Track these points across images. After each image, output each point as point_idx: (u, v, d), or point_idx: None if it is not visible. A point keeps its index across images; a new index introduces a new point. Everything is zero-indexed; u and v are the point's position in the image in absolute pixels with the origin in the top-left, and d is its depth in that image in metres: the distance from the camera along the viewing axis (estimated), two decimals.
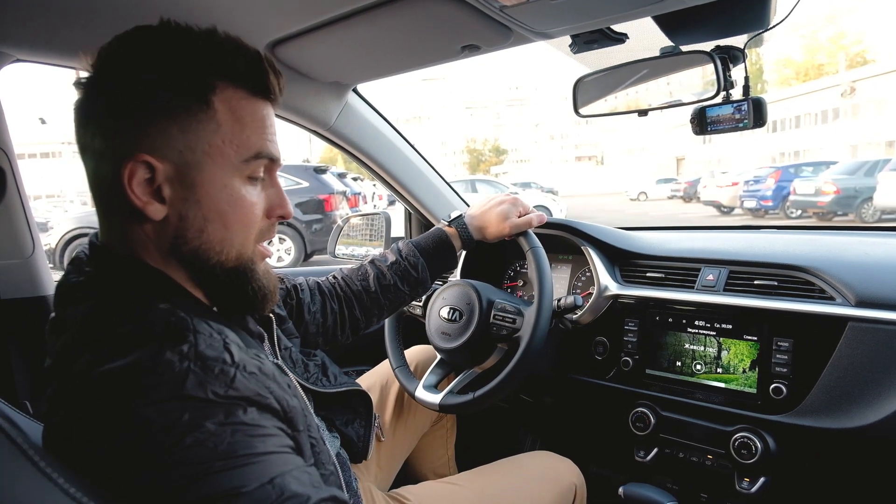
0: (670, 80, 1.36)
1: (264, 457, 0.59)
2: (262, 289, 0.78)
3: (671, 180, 27.78)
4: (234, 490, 0.55)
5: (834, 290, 1.20)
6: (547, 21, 1.13)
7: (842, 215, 12.13)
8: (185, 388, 0.57)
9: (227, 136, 0.70)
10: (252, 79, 0.72)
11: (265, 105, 0.74)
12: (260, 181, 0.76)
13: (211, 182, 0.70)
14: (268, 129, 0.74)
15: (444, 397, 1.30)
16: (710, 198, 17.40)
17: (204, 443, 0.56)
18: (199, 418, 0.57)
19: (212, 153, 0.69)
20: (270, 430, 0.62)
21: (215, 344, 0.64)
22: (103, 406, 0.57)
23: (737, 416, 1.25)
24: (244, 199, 0.72)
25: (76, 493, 0.52)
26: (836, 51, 36.06)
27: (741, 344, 1.27)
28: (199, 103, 0.68)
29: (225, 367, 0.61)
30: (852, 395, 1.12)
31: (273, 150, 0.74)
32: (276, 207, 0.78)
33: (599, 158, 66.84)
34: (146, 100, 0.67)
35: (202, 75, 0.68)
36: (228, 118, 0.70)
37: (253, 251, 0.76)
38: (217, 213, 0.71)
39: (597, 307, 1.49)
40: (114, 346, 0.60)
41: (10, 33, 1.15)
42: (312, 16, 1.14)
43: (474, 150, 69.53)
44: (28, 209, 1.36)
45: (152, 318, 0.64)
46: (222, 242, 0.72)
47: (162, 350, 0.60)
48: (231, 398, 0.60)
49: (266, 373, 0.67)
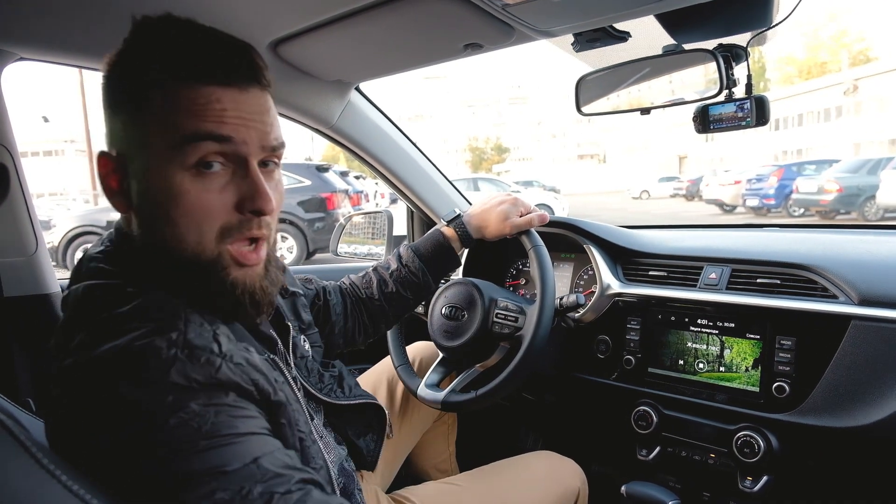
0: (672, 78, 1.36)
1: (247, 437, 0.60)
2: (227, 295, 0.72)
3: (673, 178, 27.73)
4: (218, 469, 0.57)
5: (837, 289, 1.20)
6: (549, 19, 1.12)
7: (844, 213, 12.11)
8: (170, 373, 0.59)
9: (159, 124, 0.67)
10: (193, 66, 0.67)
11: (216, 90, 0.67)
12: (223, 173, 0.70)
13: (150, 174, 0.68)
14: (211, 111, 0.67)
15: (447, 395, 1.30)
16: (712, 196, 17.39)
17: (188, 423, 0.57)
18: (184, 400, 0.58)
19: (147, 143, 0.68)
20: (252, 412, 0.64)
21: (205, 334, 0.65)
22: (93, 387, 0.59)
23: (739, 415, 1.25)
24: (186, 192, 0.67)
25: (79, 489, 0.52)
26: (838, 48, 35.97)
27: (744, 342, 1.27)
28: (137, 98, 0.67)
29: (211, 357, 0.62)
30: (855, 393, 1.12)
31: (216, 128, 0.67)
32: (247, 200, 0.70)
33: (602, 157, 66.71)
34: (106, 99, 0.71)
35: (140, 72, 0.67)
36: (163, 107, 0.66)
37: (217, 251, 0.71)
38: (161, 209, 0.68)
39: (599, 306, 1.49)
40: (107, 328, 0.62)
41: (14, 32, 1.15)
42: (315, 14, 1.14)
43: (476, 148, 69.45)
44: (31, 207, 1.36)
45: (147, 302, 0.65)
46: (174, 239, 0.69)
47: (152, 335, 0.61)
48: (214, 383, 0.61)
49: (253, 364, 0.67)
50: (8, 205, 1.31)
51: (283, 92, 1.52)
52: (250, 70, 0.71)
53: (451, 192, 2.01)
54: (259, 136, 0.71)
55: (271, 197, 0.72)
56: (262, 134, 0.71)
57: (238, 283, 0.73)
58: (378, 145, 1.81)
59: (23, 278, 1.34)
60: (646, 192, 27.30)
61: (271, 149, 0.73)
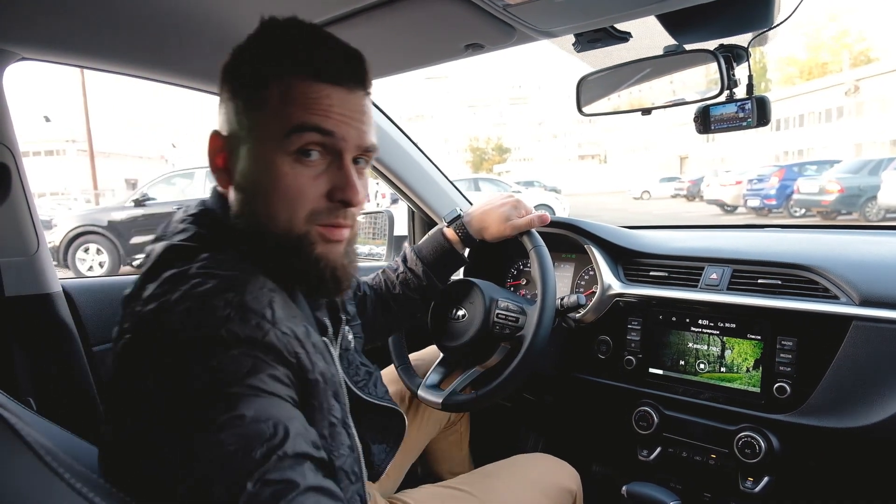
0: (674, 78, 1.36)
1: (271, 395, 0.62)
2: (311, 270, 0.79)
3: (674, 179, 27.69)
4: (235, 416, 0.58)
5: (838, 289, 1.20)
6: (550, 20, 1.12)
7: (846, 214, 12.10)
8: (220, 330, 0.62)
9: (272, 114, 0.74)
10: (310, 66, 0.75)
11: (326, 88, 0.75)
12: (320, 162, 0.77)
13: (255, 157, 0.75)
14: (321, 106, 0.74)
15: (447, 396, 1.30)
16: (713, 196, 17.37)
17: (226, 366, 0.61)
18: (228, 347, 0.62)
19: (257, 129, 0.75)
20: (283, 378, 0.65)
21: (261, 298, 0.68)
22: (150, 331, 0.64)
23: (740, 416, 1.25)
24: (285, 175, 0.74)
25: (82, 487, 0.52)
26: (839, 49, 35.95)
27: (745, 343, 1.27)
28: (254, 89, 0.75)
29: (262, 322, 0.65)
30: (856, 394, 1.12)
31: (321, 122, 0.74)
32: (337, 190, 0.77)
33: (602, 157, 66.65)
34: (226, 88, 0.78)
35: (262, 68, 0.75)
36: (278, 98, 0.74)
37: (306, 231, 0.77)
38: (260, 188, 0.76)
39: (600, 306, 1.49)
40: (175, 281, 0.67)
41: (15, 32, 1.15)
42: (316, 15, 1.14)
43: (477, 148, 69.39)
44: (33, 206, 1.36)
45: (216, 260, 0.70)
46: (267, 216, 0.76)
47: (211, 292, 0.65)
48: (258, 342, 0.64)
49: (298, 338, 0.69)
50: (9, 204, 1.31)
51: None
52: (359, 74, 0.78)
53: (451, 192, 2.01)
54: (357, 134, 0.78)
55: (360, 190, 0.79)
56: (360, 133, 0.78)
57: (322, 257, 0.79)
58: (379, 145, 1.81)
59: (24, 278, 1.34)
60: (647, 193, 27.28)
61: (365, 149, 0.80)
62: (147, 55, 1.29)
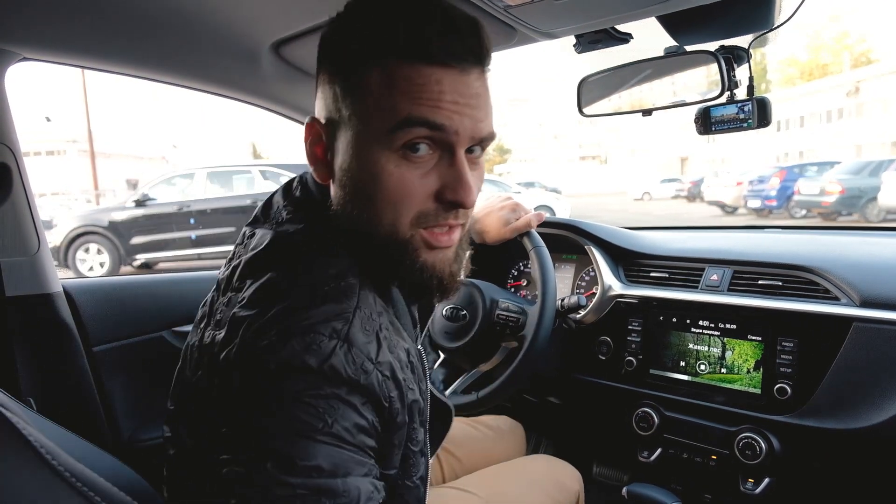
0: (674, 79, 1.36)
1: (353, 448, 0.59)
2: (414, 277, 0.72)
3: (675, 180, 27.67)
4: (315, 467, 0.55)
5: (838, 291, 1.20)
6: (551, 21, 1.13)
7: (846, 215, 12.08)
8: (323, 364, 0.58)
9: (376, 104, 0.66)
10: (412, 46, 0.65)
11: (435, 70, 0.65)
12: (429, 158, 0.68)
13: (357, 152, 0.68)
14: (429, 94, 0.65)
15: (448, 397, 1.30)
16: (713, 197, 17.36)
17: (316, 407, 0.57)
18: (325, 385, 0.58)
19: (360, 122, 0.67)
20: (368, 426, 0.61)
21: (369, 329, 0.64)
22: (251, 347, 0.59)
23: (741, 417, 1.25)
24: (390, 175, 0.66)
25: (82, 487, 0.52)
26: (840, 50, 35.91)
27: (745, 344, 1.27)
28: (357, 74, 0.67)
29: (366, 364, 0.61)
30: (857, 395, 1.12)
31: (432, 115, 0.65)
32: (447, 190, 0.68)
33: (603, 158, 66.57)
34: (324, 71, 0.71)
35: (362, 50, 0.67)
36: (381, 86, 0.65)
37: (409, 234, 0.70)
38: (361, 187, 0.68)
39: (600, 307, 1.49)
40: (280, 291, 0.63)
41: (17, 32, 1.15)
42: (318, 15, 1.14)
43: None
44: (34, 206, 1.36)
45: (325, 274, 0.66)
46: (368, 219, 0.69)
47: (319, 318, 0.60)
48: (357, 386, 0.60)
49: (396, 378, 0.65)
50: (11, 204, 1.31)
51: (285, 92, 1.52)
52: (475, 50, 0.68)
53: None
54: (472, 124, 0.68)
55: (473, 189, 0.70)
56: (474, 122, 0.68)
57: (427, 266, 0.72)
58: None
59: (25, 277, 1.34)
60: (647, 194, 27.26)
61: (481, 139, 0.71)
62: (148, 55, 1.29)
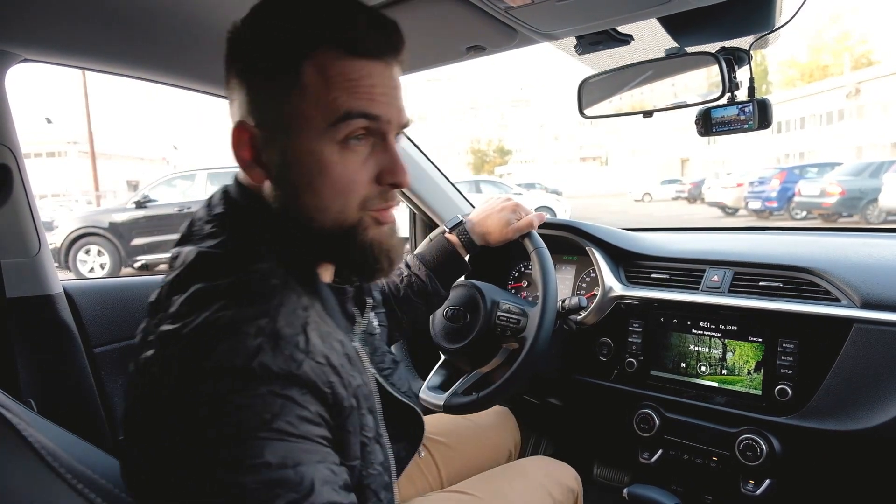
0: (675, 81, 1.36)
1: (299, 439, 0.59)
2: (366, 255, 0.76)
3: (675, 181, 27.66)
4: (261, 462, 0.56)
5: (839, 292, 1.19)
6: (552, 22, 1.13)
7: (847, 217, 12.09)
8: (251, 362, 0.58)
9: (313, 100, 0.68)
10: (346, 40, 0.69)
11: (366, 64, 0.70)
12: (365, 146, 0.73)
13: (298, 148, 0.70)
14: (364, 88, 0.69)
15: (448, 398, 1.30)
16: (714, 199, 17.36)
17: (252, 406, 0.57)
18: (255, 384, 0.58)
19: (298, 119, 0.69)
20: (314, 416, 0.62)
21: (295, 322, 0.64)
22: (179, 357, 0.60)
23: (742, 418, 1.25)
24: (334, 165, 0.70)
25: (83, 488, 0.52)
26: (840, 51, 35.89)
27: (746, 345, 1.27)
28: (288, 71, 0.68)
29: (295, 352, 0.62)
30: (858, 396, 1.12)
31: (368, 108, 0.70)
32: (386, 174, 0.74)
33: (604, 159, 66.55)
34: (247, 67, 0.71)
35: (292, 45, 0.68)
36: (316, 82, 0.68)
37: (358, 218, 0.74)
38: (307, 180, 0.71)
39: (601, 308, 1.49)
40: (204, 300, 0.63)
41: (17, 33, 1.15)
42: None
43: (478, 150, 69.32)
44: (34, 208, 1.36)
45: (247, 278, 0.66)
46: (317, 209, 0.72)
47: (242, 318, 0.61)
48: (291, 376, 0.60)
49: (333, 364, 0.66)
50: (11, 205, 1.31)
51: None
52: (396, 45, 0.75)
53: (453, 194, 2.01)
54: (398, 113, 0.75)
55: (406, 170, 0.76)
56: (399, 111, 0.75)
57: (376, 241, 0.76)
58: None
59: (25, 279, 1.34)
60: (648, 195, 27.26)
61: (403, 125, 0.77)
62: (148, 57, 1.29)
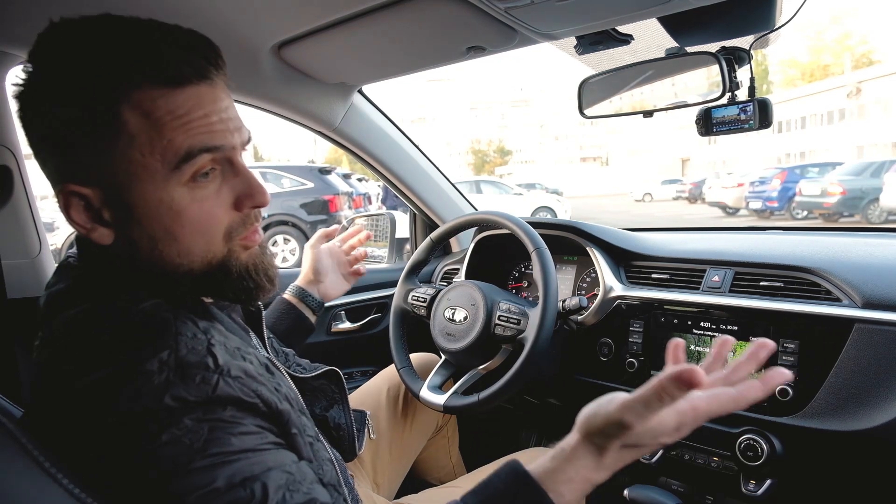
0: (675, 81, 1.36)
1: (240, 455, 0.58)
2: (246, 284, 0.72)
3: (676, 181, 27.63)
4: (212, 490, 0.55)
5: (840, 292, 1.19)
6: (552, 22, 1.12)
7: (848, 216, 12.09)
8: (163, 399, 0.56)
9: (147, 148, 0.61)
10: (162, 71, 0.61)
11: (191, 91, 0.63)
12: (214, 177, 0.67)
13: (145, 200, 0.63)
14: (196, 120, 0.63)
15: (449, 398, 1.30)
16: (715, 199, 17.35)
17: (181, 440, 0.55)
18: (177, 416, 0.56)
19: (136, 170, 0.62)
20: (249, 427, 0.61)
21: (198, 347, 0.61)
22: (85, 414, 0.57)
23: (742, 418, 1.25)
24: (188, 208, 0.65)
25: (80, 493, 0.52)
26: (841, 51, 35.91)
27: (747, 345, 1.26)
28: (106, 121, 0.61)
29: (207, 375, 0.59)
30: (859, 396, 1.11)
31: (208, 140, 0.64)
32: (244, 199, 0.69)
33: (604, 159, 66.58)
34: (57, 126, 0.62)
35: (102, 89, 0.60)
36: (142, 126, 0.61)
37: (226, 250, 0.70)
38: (162, 230, 0.65)
39: (601, 308, 1.49)
40: (94, 356, 0.59)
41: (18, 35, 1.16)
42: (318, 17, 1.14)
43: (479, 150, 69.37)
44: (35, 209, 1.36)
45: (133, 322, 0.62)
46: (180, 255, 0.67)
47: (141, 359, 0.57)
48: (211, 400, 0.58)
49: (252, 375, 0.64)
50: (12, 207, 1.31)
51: (286, 94, 1.52)
52: (215, 60, 0.66)
53: (453, 194, 2.01)
54: (239, 133, 0.69)
55: (264, 188, 0.71)
56: (239, 130, 0.69)
57: (250, 264, 0.73)
58: (381, 148, 1.81)
59: (26, 280, 1.34)
60: (648, 195, 27.24)
61: (246, 142, 0.71)
62: None
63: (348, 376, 1.91)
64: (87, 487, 0.53)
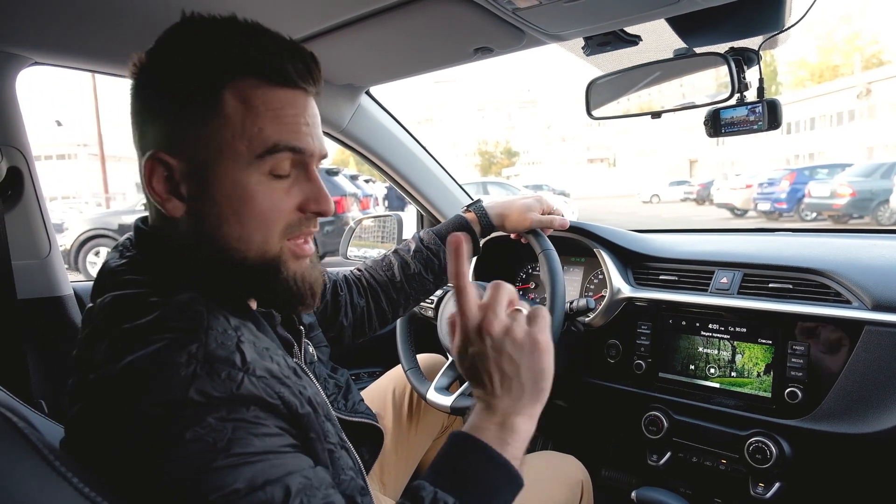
0: (684, 81, 1.35)
1: (261, 456, 0.58)
2: (290, 289, 0.75)
3: (684, 182, 27.54)
4: (232, 491, 0.55)
5: (850, 294, 1.18)
6: (560, 23, 1.12)
7: (857, 218, 12.02)
8: (188, 391, 0.57)
9: (238, 131, 0.67)
10: (268, 68, 0.68)
11: (288, 93, 0.70)
12: (290, 175, 0.73)
13: (223, 179, 0.69)
14: (289, 118, 0.70)
15: (456, 399, 1.30)
16: (723, 200, 17.28)
17: (204, 438, 0.56)
18: (201, 414, 0.57)
19: (222, 149, 0.68)
20: (271, 429, 0.61)
21: (227, 343, 0.62)
22: (113, 401, 0.59)
23: (751, 421, 1.24)
24: (260, 196, 0.70)
25: (90, 492, 0.52)
26: (851, 51, 35.62)
27: (756, 347, 1.26)
28: (207, 99, 0.67)
29: (232, 372, 0.60)
30: (869, 399, 1.11)
31: (295, 141, 0.70)
32: (311, 202, 0.74)
33: (611, 160, 66.43)
34: (162, 98, 0.69)
35: (210, 71, 0.67)
36: (239, 112, 0.67)
37: (280, 248, 0.73)
38: (231, 211, 0.69)
39: (609, 310, 1.48)
40: (128, 341, 0.61)
41: (28, 37, 1.16)
42: (326, 19, 1.14)
43: (486, 151, 69.28)
44: (45, 210, 1.37)
45: (169, 311, 0.64)
46: (240, 240, 0.71)
47: (171, 349, 0.59)
48: (235, 398, 0.59)
49: (276, 376, 0.65)
50: (22, 208, 1.32)
51: None
52: (316, 74, 0.74)
53: (461, 196, 2.01)
54: (319, 144, 0.75)
55: (331, 199, 0.77)
56: (321, 143, 0.75)
57: (297, 275, 0.76)
58: (388, 149, 1.82)
59: (36, 280, 1.35)
60: (656, 196, 27.14)
61: (323, 157, 0.77)
62: None
63: (355, 377, 1.91)
64: (98, 487, 0.53)
